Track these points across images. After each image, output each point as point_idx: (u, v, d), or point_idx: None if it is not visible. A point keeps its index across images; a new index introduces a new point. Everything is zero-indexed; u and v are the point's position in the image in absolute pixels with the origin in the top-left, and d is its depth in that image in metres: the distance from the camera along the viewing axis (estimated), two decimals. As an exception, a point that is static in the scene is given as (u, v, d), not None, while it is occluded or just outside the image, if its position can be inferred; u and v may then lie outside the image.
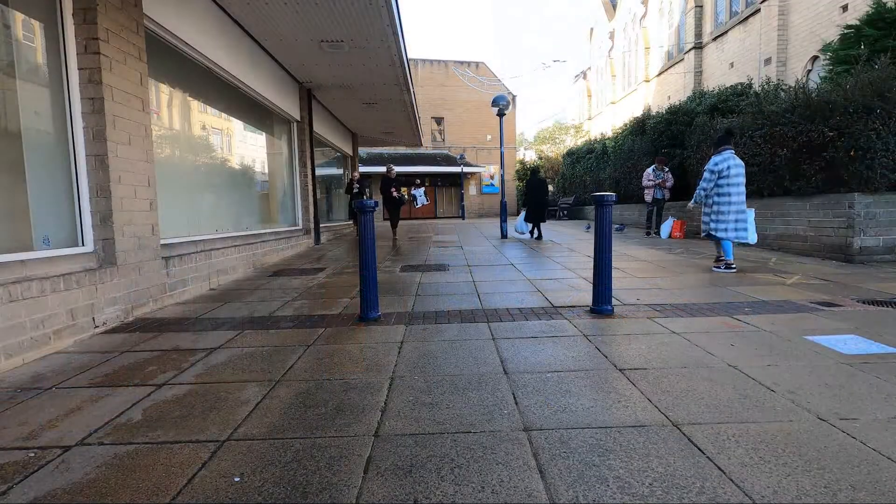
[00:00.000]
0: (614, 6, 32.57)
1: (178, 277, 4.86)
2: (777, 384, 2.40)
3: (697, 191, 6.12)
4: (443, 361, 2.86)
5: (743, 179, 5.88)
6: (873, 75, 6.43)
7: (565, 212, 20.04)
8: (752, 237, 5.97)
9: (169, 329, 3.76)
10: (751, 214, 5.96)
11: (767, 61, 16.53)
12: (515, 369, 2.70)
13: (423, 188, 10.70)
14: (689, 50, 21.65)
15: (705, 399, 2.24)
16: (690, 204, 6.44)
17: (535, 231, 10.82)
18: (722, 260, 5.95)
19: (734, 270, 5.82)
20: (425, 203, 10.27)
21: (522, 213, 11.03)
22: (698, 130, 10.10)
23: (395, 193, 10.94)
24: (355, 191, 11.95)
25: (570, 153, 22.36)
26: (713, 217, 6.00)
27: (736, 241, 5.94)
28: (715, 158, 5.94)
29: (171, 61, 5.36)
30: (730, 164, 5.81)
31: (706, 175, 5.97)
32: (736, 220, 5.86)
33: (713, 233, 6.01)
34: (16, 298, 2.97)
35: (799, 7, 15.41)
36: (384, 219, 27.26)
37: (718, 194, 5.92)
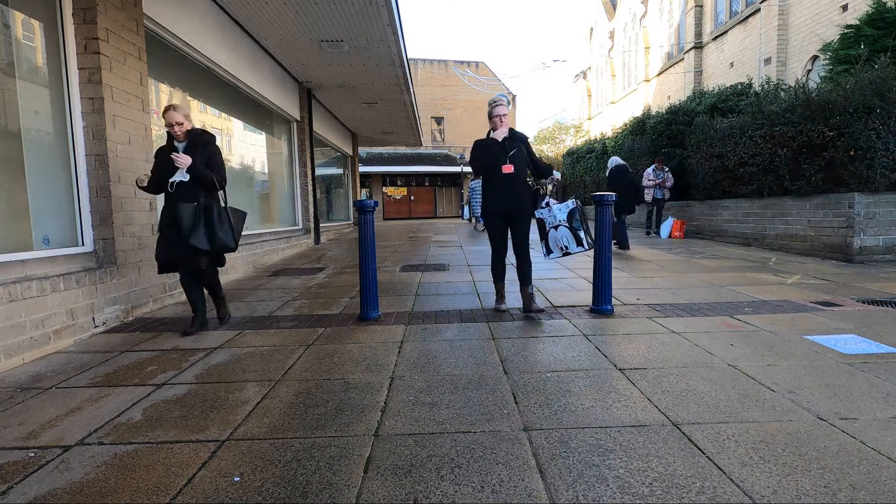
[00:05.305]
0: (614, 6, 32.52)
1: (178, 277, 4.85)
2: (777, 384, 2.40)
3: (471, 199, 14.03)
4: (443, 361, 2.86)
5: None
6: (873, 75, 6.43)
7: None
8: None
9: (169, 329, 3.76)
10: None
11: (767, 61, 16.52)
12: (515, 369, 2.70)
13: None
14: (689, 50, 21.61)
15: (705, 399, 2.24)
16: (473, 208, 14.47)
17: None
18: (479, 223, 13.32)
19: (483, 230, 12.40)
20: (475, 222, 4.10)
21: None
22: (698, 130, 10.08)
23: (507, 168, 3.98)
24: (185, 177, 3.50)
25: (570, 153, 22.30)
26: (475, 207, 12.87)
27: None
28: (472, 183, 13.49)
29: (171, 61, 5.36)
30: (478, 185, 11.69)
31: (475, 188, 13.32)
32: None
33: (476, 214, 13.16)
34: (16, 298, 2.97)
35: (799, 7, 15.40)
36: (384, 218, 26.96)
37: (475, 197, 12.96)
